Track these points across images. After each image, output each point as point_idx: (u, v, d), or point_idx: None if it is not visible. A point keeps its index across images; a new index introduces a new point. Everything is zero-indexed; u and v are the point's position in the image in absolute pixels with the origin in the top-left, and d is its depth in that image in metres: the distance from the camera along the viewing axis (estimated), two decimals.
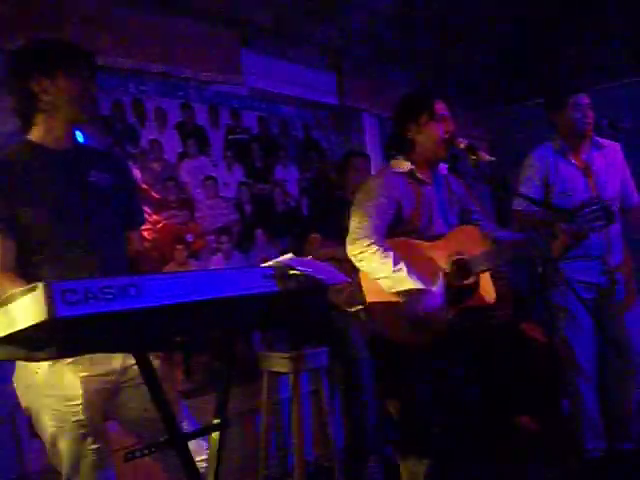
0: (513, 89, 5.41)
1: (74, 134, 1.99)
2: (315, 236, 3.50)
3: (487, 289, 2.52)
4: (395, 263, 2.36)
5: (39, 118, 1.88)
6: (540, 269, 3.23)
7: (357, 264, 2.45)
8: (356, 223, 2.47)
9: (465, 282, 2.46)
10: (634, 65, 4.84)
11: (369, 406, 3.35)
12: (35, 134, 1.90)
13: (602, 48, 5.11)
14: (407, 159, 2.56)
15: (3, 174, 1.82)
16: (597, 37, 5.14)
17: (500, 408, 3.45)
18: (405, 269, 2.35)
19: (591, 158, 3.08)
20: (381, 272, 2.37)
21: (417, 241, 2.51)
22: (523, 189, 3.06)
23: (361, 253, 2.41)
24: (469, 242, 2.51)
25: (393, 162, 2.61)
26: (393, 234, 2.49)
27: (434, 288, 2.37)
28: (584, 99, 3.03)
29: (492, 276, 2.55)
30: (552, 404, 3.26)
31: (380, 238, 2.43)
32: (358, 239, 2.43)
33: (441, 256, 2.49)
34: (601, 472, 3.05)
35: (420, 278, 2.37)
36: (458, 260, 2.47)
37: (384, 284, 2.38)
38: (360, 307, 2.50)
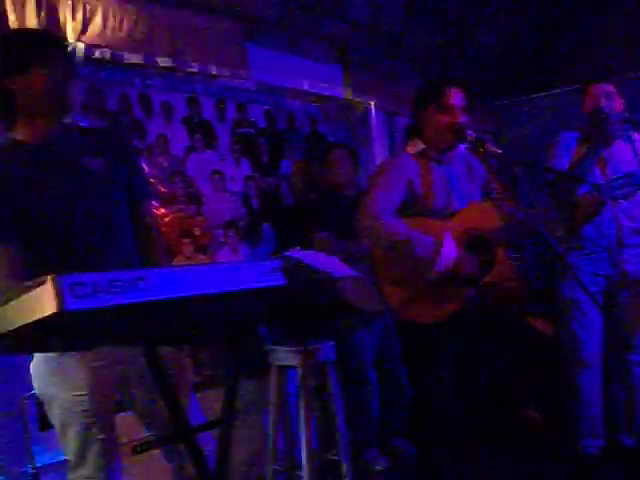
0: (519, 82, 5.38)
1: (61, 123, 1.91)
2: (323, 235, 3.32)
3: (503, 265, 2.54)
4: (402, 229, 2.43)
5: (20, 117, 1.82)
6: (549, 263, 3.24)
7: (367, 240, 2.55)
8: (367, 202, 2.53)
9: (483, 257, 2.48)
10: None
11: (372, 400, 3.36)
12: (19, 131, 1.84)
13: (611, 40, 5.08)
14: (421, 141, 2.61)
15: None
16: (602, 29, 5.11)
17: (506, 401, 3.45)
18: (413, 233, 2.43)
19: (613, 148, 2.99)
20: (388, 240, 2.45)
21: (432, 219, 2.53)
22: (553, 162, 3.03)
23: (371, 228, 2.48)
24: (484, 217, 2.53)
25: (409, 145, 2.66)
26: (409, 215, 2.51)
27: (442, 246, 2.41)
28: (602, 88, 2.99)
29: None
30: (558, 398, 3.25)
31: (388, 213, 2.48)
32: (369, 216, 2.49)
33: (456, 231, 2.49)
34: (601, 469, 3.02)
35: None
36: (474, 234, 2.48)
37: (394, 249, 2.45)
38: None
